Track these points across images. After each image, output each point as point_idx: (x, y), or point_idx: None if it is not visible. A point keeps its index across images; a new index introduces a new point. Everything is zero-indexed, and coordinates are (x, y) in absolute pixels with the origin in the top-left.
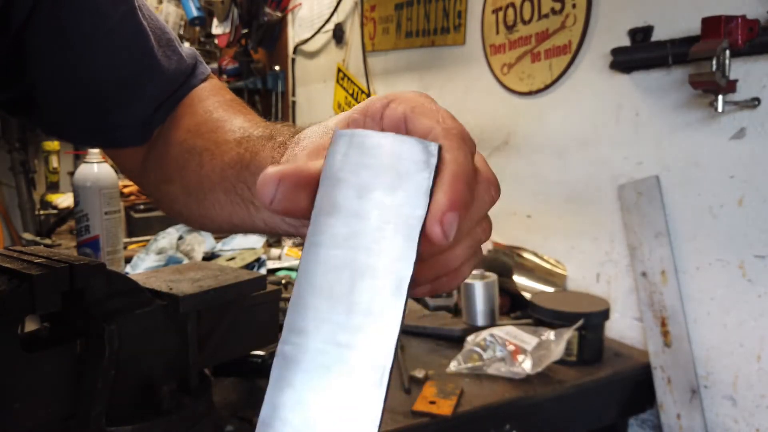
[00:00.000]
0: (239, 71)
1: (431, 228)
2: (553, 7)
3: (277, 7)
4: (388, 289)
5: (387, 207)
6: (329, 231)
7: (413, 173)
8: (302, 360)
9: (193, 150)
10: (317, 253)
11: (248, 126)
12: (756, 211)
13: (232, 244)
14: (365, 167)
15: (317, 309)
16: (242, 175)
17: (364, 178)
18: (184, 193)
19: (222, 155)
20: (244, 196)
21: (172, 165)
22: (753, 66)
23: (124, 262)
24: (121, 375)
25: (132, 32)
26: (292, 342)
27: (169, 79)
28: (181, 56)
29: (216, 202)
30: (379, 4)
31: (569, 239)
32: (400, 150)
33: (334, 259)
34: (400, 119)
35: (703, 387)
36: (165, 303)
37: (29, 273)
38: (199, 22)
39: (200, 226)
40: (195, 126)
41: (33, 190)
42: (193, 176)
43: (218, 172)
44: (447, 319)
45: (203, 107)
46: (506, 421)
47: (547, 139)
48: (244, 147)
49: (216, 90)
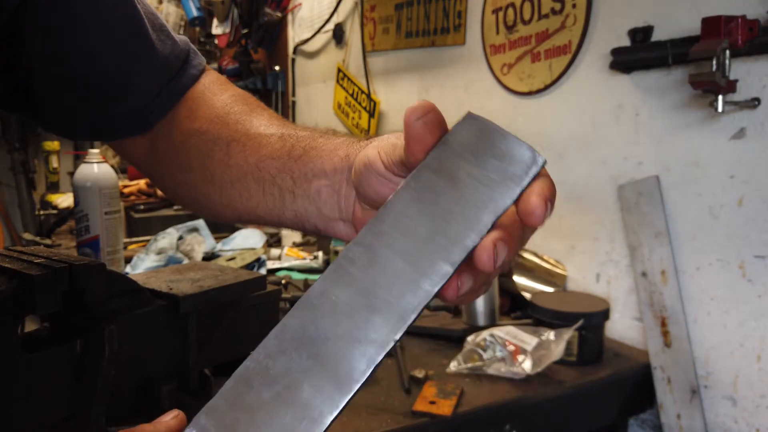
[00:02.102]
0: (239, 71)
1: (531, 207)
2: (553, 7)
3: (277, 7)
4: (450, 245)
5: (482, 188)
6: (425, 184)
7: (517, 169)
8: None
9: (218, 140)
10: (408, 193)
11: (284, 123)
12: (756, 211)
13: (232, 244)
14: (478, 149)
15: (398, 229)
16: (288, 165)
17: (473, 156)
18: (206, 181)
19: (258, 148)
20: (284, 186)
21: (192, 154)
22: (753, 66)
23: (124, 262)
24: (121, 375)
25: (127, 14)
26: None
27: (164, 63)
28: (174, 41)
29: (244, 191)
30: (379, 4)
31: (569, 239)
32: (513, 148)
33: (419, 204)
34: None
35: (703, 387)
36: (165, 303)
37: (29, 273)
38: (199, 22)
39: (215, 215)
40: (217, 118)
41: (33, 190)
42: (219, 165)
43: (253, 162)
44: (447, 319)
45: (221, 100)
46: (506, 422)
47: (547, 139)
48: (291, 142)
49: (225, 83)
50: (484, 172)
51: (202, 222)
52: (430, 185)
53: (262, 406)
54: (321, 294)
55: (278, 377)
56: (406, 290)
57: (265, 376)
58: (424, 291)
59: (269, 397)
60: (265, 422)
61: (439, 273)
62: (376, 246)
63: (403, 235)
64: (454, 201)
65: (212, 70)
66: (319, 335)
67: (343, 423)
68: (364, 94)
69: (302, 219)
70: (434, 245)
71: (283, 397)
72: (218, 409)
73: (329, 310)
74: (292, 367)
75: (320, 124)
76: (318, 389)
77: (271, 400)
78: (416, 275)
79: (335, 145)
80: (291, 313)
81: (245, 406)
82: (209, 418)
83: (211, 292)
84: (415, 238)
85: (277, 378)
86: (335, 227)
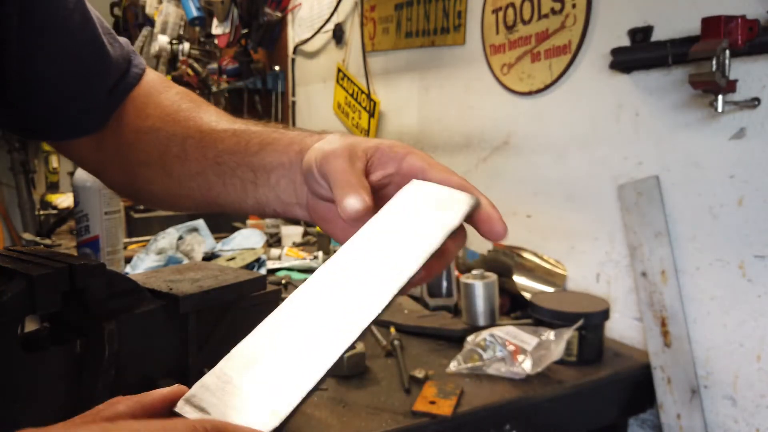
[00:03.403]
0: (239, 71)
1: (498, 228)
2: (553, 7)
3: (277, 7)
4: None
5: (425, 226)
6: (386, 217)
7: (455, 207)
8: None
9: (173, 137)
10: (361, 236)
11: (231, 119)
12: (756, 211)
13: (232, 244)
14: (425, 198)
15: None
16: (246, 160)
17: (415, 210)
18: (165, 174)
19: (214, 143)
20: (245, 178)
21: (148, 150)
22: (753, 66)
23: (124, 262)
24: (122, 375)
25: (85, 19)
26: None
27: (115, 65)
28: (120, 44)
29: (204, 183)
30: (379, 4)
31: (569, 239)
32: (452, 195)
33: (370, 244)
34: (419, 169)
35: (703, 387)
36: (165, 303)
37: (29, 273)
38: (199, 22)
39: (173, 206)
40: (167, 115)
41: (33, 190)
42: (176, 160)
43: (211, 157)
44: (447, 319)
45: (168, 98)
46: (506, 421)
47: (547, 139)
48: (246, 138)
49: (167, 82)
50: (426, 219)
51: (202, 222)
52: (376, 231)
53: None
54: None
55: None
56: (377, 284)
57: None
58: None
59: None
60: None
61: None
62: (347, 263)
63: (376, 251)
64: (399, 243)
65: (151, 69)
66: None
67: (343, 423)
68: (364, 94)
69: (263, 205)
70: (397, 257)
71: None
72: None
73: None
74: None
75: (320, 124)
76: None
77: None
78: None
79: (290, 140)
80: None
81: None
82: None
83: (211, 292)
84: (383, 252)
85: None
86: (293, 211)
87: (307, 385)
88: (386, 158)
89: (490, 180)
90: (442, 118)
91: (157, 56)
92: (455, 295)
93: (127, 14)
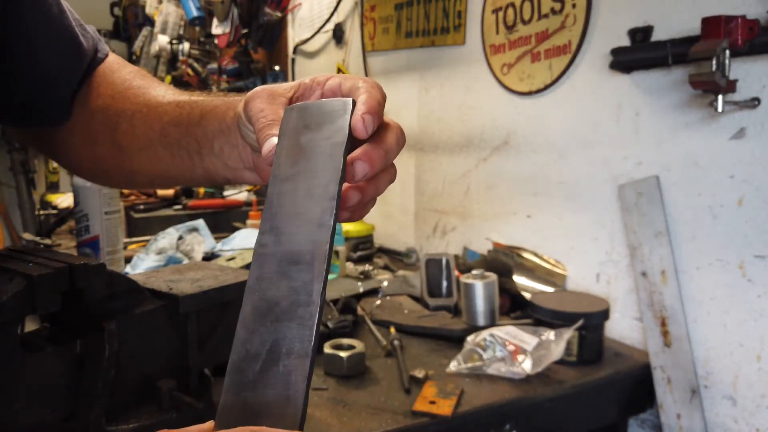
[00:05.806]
0: (239, 71)
1: (356, 124)
2: (553, 7)
3: (277, 7)
4: (325, 197)
5: (321, 141)
6: (285, 165)
7: (337, 117)
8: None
9: (122, 113)
10: (277, 179)
11: (178, 92)
12: (756, 211)
13: (232, 244)
14: (306, 123)
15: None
16: (190, 130)
17: (306, 128)
18: (116, 151)
19: (160, 116)
20: (191, 149)
21: (99, 128)
22: (753, 66)
23: (124, 262)
24: (122, 375)
25: (60, 11)
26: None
27: (86, 53)
28: (89, 34)
29: (153, 156)
30: (379, 4)
31: (569, 239)
32: (328, 106)
33: (288, 184)
34: (337, 86)
35: (703, 387)
36: (165, 303)
37: (29, 273)
38: (199, 22)
39: (128, 183)
40: (118, 93)
41: (33, 190)
42: (126, 136)
43: (157, 129)
44: (447, 319)
45: (120, 77)
46: (506, 421)
47: (547, 139)
48: (188, 109)
49: (123, 63)
50: (316, 133)
51: (201, 222)
52: (291, 161)
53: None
54: (257, 279)
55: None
56: (312, 228)
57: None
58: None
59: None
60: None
61: (329, 205)
62: (276, 224)
63: (291, 203)
64: (312, 161)
65: (113, 54)
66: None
67: (343, 423)
68: None
69: (212, 174)
70: (314, 195)
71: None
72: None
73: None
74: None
75: None
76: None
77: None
78: (313, 222)
79: (226, 105)
80: (243, 303)
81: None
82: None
83: (211, 292)
84: (298, 200)
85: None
86: (243, 176)
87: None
88: (310, 90)
89: (490, 180)
90: (442, 118)
91: (157, 56)
92: (455, 295)
93: (127, 14)
